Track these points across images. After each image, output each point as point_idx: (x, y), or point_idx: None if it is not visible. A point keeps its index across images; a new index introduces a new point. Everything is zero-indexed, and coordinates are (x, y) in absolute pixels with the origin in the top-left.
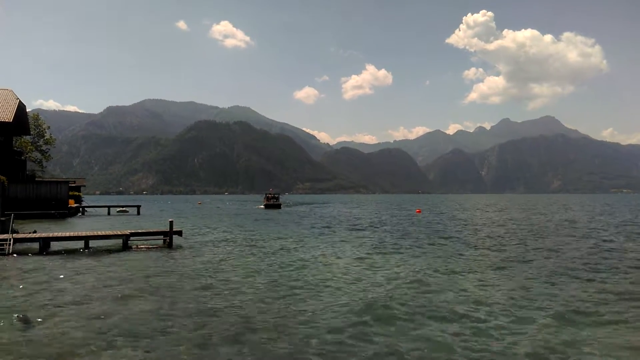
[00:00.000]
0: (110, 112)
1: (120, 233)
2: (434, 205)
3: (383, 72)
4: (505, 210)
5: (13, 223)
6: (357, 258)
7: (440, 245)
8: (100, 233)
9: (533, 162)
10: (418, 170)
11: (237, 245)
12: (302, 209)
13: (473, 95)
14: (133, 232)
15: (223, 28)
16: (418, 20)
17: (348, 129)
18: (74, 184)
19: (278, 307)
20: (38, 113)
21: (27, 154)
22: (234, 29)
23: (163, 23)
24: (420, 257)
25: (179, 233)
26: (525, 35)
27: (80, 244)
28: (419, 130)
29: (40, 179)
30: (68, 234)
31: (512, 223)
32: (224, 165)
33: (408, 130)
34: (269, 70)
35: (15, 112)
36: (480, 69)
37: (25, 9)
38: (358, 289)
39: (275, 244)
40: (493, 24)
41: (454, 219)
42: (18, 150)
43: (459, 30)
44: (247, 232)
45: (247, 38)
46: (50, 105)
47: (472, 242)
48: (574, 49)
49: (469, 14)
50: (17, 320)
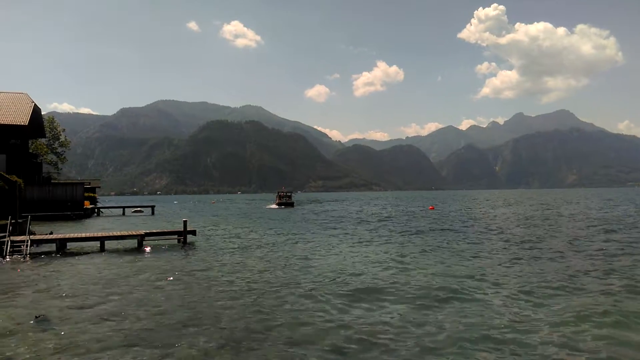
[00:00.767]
0: (124, 113)
1: (135, 233)
2: (450, 202)
3: (394, 68)
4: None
5: (30, 224)
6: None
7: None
8: (116, 234)
9: (548, 156)
10: (431, 167)
11: (250, 244)
12: (320, 207)
13: (486, 90)
14: (148, 232)
15: (234, 28)
16: (429, 16)
17: (360, 126)
18: (89, 185)
19: (296, 307)
20: (53, 116)
21: (42, 157)
22: (245, 29)
23: (174, 24)
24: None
25: (193, 232)
26: (538, 29)
27: (96, 245)
28: (431, 127)
29: (56, 181)
30: (84, 235)
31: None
32: (237, 165)
33: (420, 127)
34: (280, 69)
35: (31, 115)
36: (493, 64)
37: (36, 13)
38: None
39: (287, 243)
40: (505, 18)
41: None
42: (34, 153)
43: (471, 25)
44: (260, 231)
45: (257, 37)
46: (65, 108)
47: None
48: (588, 41)
49: (480, 8)
50: (36, 321)
